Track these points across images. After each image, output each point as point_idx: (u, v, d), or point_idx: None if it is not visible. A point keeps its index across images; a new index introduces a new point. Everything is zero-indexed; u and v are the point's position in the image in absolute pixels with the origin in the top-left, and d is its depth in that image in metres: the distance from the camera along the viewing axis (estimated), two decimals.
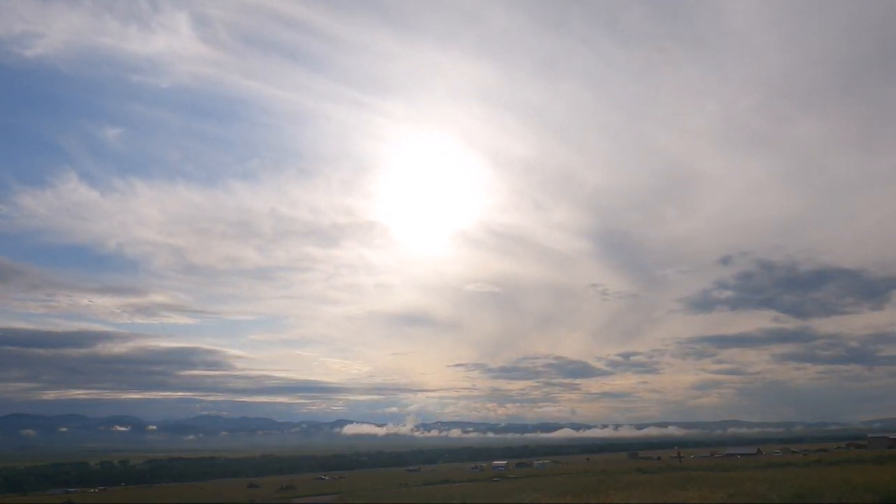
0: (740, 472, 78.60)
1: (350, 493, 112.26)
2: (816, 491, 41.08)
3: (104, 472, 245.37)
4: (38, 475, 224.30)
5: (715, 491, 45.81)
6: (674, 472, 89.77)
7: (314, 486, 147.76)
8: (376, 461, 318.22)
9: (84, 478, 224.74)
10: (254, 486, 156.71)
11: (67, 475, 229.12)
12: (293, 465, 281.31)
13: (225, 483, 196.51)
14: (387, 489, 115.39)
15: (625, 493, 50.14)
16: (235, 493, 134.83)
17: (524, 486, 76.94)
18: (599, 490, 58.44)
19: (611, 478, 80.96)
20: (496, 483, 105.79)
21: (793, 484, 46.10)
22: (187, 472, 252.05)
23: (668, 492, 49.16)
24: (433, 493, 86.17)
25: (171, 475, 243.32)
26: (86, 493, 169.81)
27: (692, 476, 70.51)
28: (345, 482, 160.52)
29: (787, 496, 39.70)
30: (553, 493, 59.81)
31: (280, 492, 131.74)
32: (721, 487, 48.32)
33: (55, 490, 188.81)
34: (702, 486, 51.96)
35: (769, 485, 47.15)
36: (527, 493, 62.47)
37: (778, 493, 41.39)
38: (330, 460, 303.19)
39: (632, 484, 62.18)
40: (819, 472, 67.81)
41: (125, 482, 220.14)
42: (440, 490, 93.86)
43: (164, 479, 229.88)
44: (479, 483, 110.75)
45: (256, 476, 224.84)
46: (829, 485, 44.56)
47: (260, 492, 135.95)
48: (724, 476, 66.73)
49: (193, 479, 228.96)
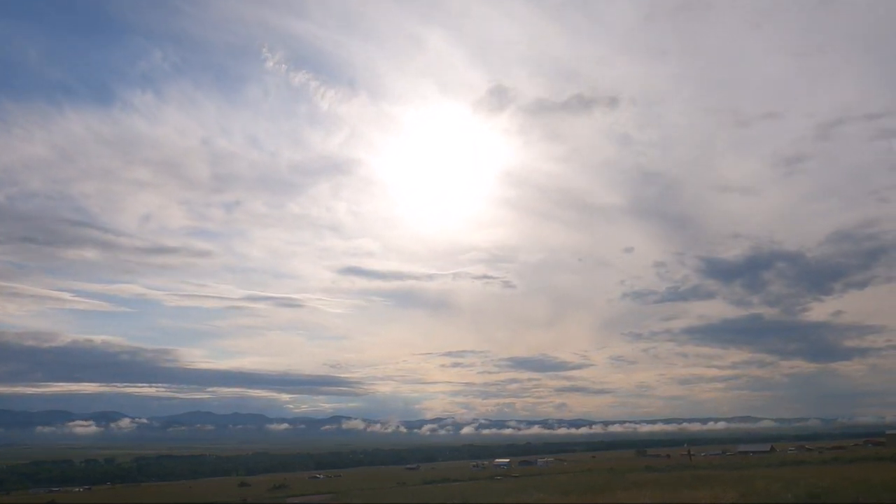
0: (753, 470, 78.97)
1: (345, 492, 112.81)
2: (832, 490, 41.14)
3: (89, 471, 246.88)
4: (19, 474, 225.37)
5: (727, 490, 45.94)
6: (684, 470, 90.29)
7: (308, 485, 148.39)
8: (373, 459, 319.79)
9: (68, 477, 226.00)
10: (245, 484, 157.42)
11: (50, 473, 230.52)
12: (286, 463, 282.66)
13: (215, 481, 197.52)
14: (384, 488, 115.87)
15: (632, 492, 50.31)
16: (225, 492, 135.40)
17: (527, 485, 77.37)
18: (606, 489, 58.74)
19: (618, 476, 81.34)
20: (498, 482, 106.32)
21: (807, 483, 46.20)
22: (176, 471, 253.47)
23: (677, 491, 49.33)
24: (432, 493, 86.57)
25: (160, 473, 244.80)
26: (70, 493, 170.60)
27: (703, 474, 70.87)
28: (340, 481, 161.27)
29: (801, 495, 39.77)
30: (557, 492, 60.16)
31: (272, 491, 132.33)
32: (733, 486, 48.47)
33: (37, 489, 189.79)
34: (713, 484, 52.13)
35: (783, 484, 47.26)
36: (530, 492, 62.81)
37: (792, 492, 41.49)
38: (325, 458, 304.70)
39: (639, 482, 62.39)
40: (835, 470, 68.02)
41: (111, 481, 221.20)
42: (440, 489, 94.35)
43: (152, 478, 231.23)
44: (480, 482, 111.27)
45: (248, 474, 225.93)
46: (845, 484, 44.62)
47: (251, 490, 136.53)
48: (737, 475, 66.99)
49: (182, 478, 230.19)
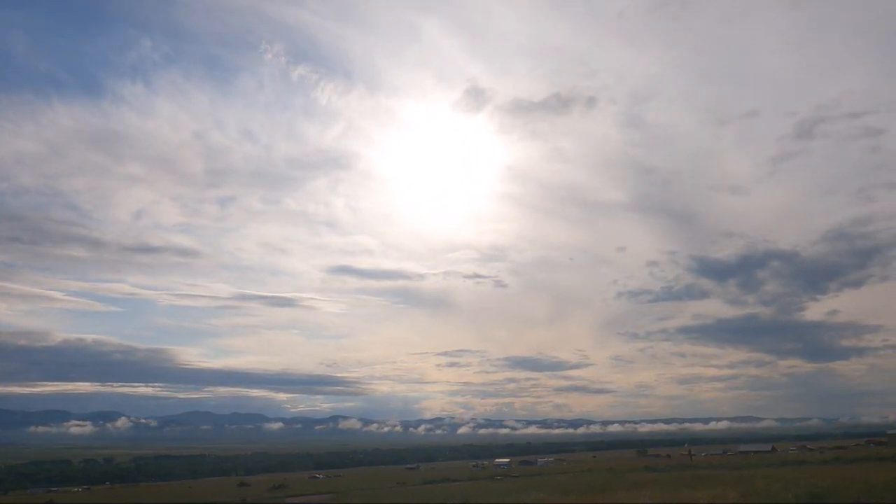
0: (754, 470, 79.08)
1: (345, 492, 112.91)
2: (833, 490, 41.17)
3: (88, 471, 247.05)
4: (17, 474, 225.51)
5: (727, 490, 46.02)
6: (684, 470, 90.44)
7: (307, 485, 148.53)
8: (373, 458, 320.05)
9: (66, 476, 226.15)
10: (244, 484, 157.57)
11: (49, 473, 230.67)
12: (285, 463, 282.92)
13: (214, 481, 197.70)
14: (384, 488, 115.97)
15: (633, 493, 50.38)
16: (225, 492, 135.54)
17: (527, 485, 77.46)
18: (606, 489, 58.83)
19: (618, 476, 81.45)
20: (498, 482, 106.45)
21: (808, 483, 46.24)
22: (175, 471, 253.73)
23: (678, 491, 49.41)
24: (433, 493, 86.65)
25: (159, 473, 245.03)
26: (68, 493, 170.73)
27: (703, 474, 71.00)
28: (340, 481, 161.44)
29: (802, 496, 39.81)
30: (557, 492, 60.24)
31: (271, 491, 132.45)
32: (734, 486, 48.54)
33: (36, 489, 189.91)
34: (714, 484, 52.24)
35: (784, 484, 47.31)
36: (529, 492, 62.90)
37: (793, 492, 41.54)
38: (324, 457, 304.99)
39: (640, 483, 62.50)
40: (836, 470, 68.09)
41: (110, 481, 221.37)
42: (440, 489, 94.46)
43: (151, 478, 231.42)
44: (480, 482, 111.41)
45: (247, 474, 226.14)
46: (846, 484, 44.66)
47: (251, 490, 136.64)
48: (737, 474, 67.11)
49: (181, 478, 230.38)
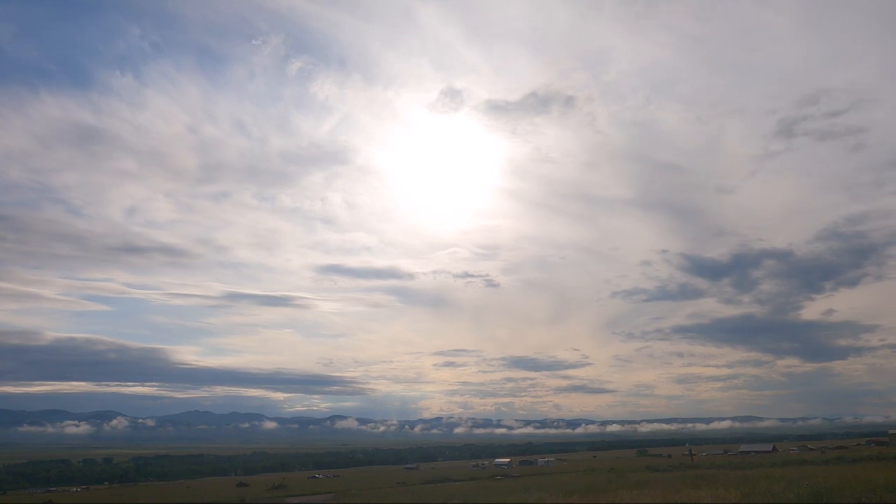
0: (755, 470, 79.19)
1: (345, 492, 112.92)
2: (835, 490, 41.24)
3: (86, 471, 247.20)
4: (16, 473, 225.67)
5: (729, 490, 46.13)
6: (686, 470, 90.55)
7: (307, 485, 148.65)
8: (372, 458, 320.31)
9: (65, 476, 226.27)
10: (243, 484, 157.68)
11: (47, 473, 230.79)
12: (284, 463, 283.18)
13: (213, 481, 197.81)
14: (384, 488, 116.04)
15: (634, 492, 50.47)
16: (224, 492, 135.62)
17: (528, 485, 77.48)
18: (608, 489, 58.87)
19: (619, 476, 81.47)
20: (498, 481, 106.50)
21: (810, 483, 46.31)
22: (174, 470, 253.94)
23: (679, 491, 49.51)
24: (433, 492, 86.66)
25: (158, 473, 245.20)
26: (67, 492, 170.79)
27: (705, 474, 71.06)
28: (339, 481, 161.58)
29: (803, 495, 39.91)
30: (559, 492, 60.27)
31: (271, 491, 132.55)
32: (735, 486, 48.66)
33: (34, 489, 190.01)
34: (715, 484, 52.33)
35: (785, 483, 47.40)
36: (531, 492, 62.96)
37: (795, 492, 41.64)
38: (323, 457, 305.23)
39: (641, 482, 62.56)
40: (838, 470, 68.18)
41: (109, 480, 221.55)
42: (440, 489, 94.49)
43: (149, 477, 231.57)
44: (480, 482, 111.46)
45: (246, 474, 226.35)
46: (848, 484, 44.73)
47: (250, 490, 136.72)
48: (739, 474, 67.20)
49: (180, 477, 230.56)
